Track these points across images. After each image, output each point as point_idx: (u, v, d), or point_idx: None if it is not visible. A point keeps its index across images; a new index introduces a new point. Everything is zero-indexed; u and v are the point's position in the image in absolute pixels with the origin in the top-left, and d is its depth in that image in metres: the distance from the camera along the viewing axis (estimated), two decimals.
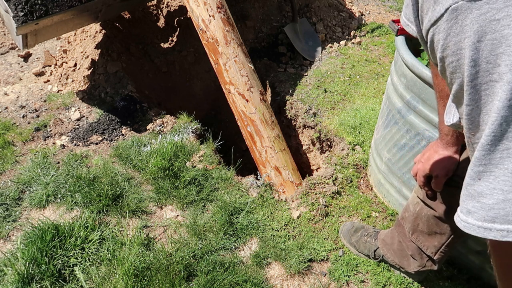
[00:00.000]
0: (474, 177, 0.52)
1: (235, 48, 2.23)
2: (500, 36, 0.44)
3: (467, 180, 0.54)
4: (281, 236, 1.83)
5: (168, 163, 2.15)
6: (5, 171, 2.19)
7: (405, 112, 1.63)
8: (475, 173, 0.52)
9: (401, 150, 1.73)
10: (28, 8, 2.08)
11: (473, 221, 0.52)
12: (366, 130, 2.42)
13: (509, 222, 0.48)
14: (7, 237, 1.81)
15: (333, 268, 1.70)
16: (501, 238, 0.49)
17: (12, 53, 3.42)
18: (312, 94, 2.84)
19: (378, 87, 2.91)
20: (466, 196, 0.54)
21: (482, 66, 0.47)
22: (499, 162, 0.48)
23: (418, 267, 1.49)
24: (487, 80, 0.47)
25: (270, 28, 3.59)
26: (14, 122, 2.59)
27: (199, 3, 2.21)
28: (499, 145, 0.48)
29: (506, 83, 0.44)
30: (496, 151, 0.48)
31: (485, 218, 0.50)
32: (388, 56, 3.33)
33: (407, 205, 1.45)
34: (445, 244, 1.34)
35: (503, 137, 0.47)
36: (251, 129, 2.24)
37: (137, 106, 2.74)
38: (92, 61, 2.96)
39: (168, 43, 3.52)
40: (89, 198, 1.94)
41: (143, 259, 1.65)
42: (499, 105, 0.46)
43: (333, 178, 2.11)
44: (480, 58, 0.47)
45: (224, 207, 1.92)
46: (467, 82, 0.50)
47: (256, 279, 1.62)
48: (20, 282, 1.53)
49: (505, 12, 0.43)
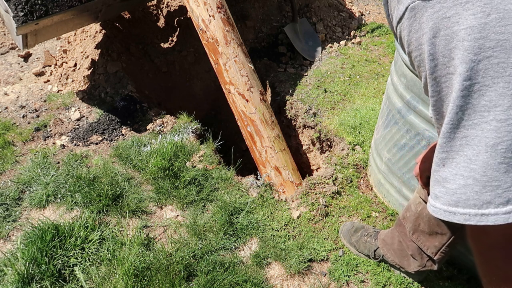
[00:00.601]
0: (439, 163, 0.55)
1: (235, 48, 2.23)
2: (452, 32, 0.48)
3: (434, 167, 0.56)
4: (281, 236, 1.83)
5: (168, 163, 2.15)
6: (5, 171, 2.19)
7: (405, 112, 1.63)
8: (439, 159, 0.54)
9: (401, 150, 1.73)
10: (28, 8, 2.08)
11: (440, 205, 0.55)
12: (366, 130, 2.42)
13: (470, 206, 0.50)
14: (7, 237, 1.81)
15: (333, 268, 1.70)
16: (464, 222, 0.51)
17: (12, 53, 3.42)
18: (312, 94, 2.84)
19: (378, 87, 2.91)
20: (433, 182, 0.57)
21: (439, 60, 0.51)
22: (459, 149, 0.51)
23: (418, 267, 1.49)
24: (445, 73, 0.51)
25: (270, 28, 3.59)
26: (14, 122, 2.59)
27: (199, 3, 2.21)
28: (457, 133, 0.51)
29: (459, 75, 0.48)
30: (455, 139, 0.51)
31: (449, 203, 0.53)
32: (388, 56, 3.33)
33: (409, 205, 1.45)
34: (445, 245, 1.34)
35: (460, 125, 0.50)
36: (251, 129, 2.24)
37: (137, 106, 2.74)
38: (92, 61, 2.96)
39: (168, 43, 3.52)
40: (89, 198, 1.94)
41: (143, 259, 1.65)
42: (454, 95, 0.49)
43: (333, 178, 2.11)
44: (437, 52, 0.51)
45: (224, 207, 1.92)
46: (429, 75, 0.53)
47: (256, 279, 1.62)
48: (20, 282, 1.53)
49: (454, 10, 0.47)
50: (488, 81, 0.47)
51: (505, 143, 0.47)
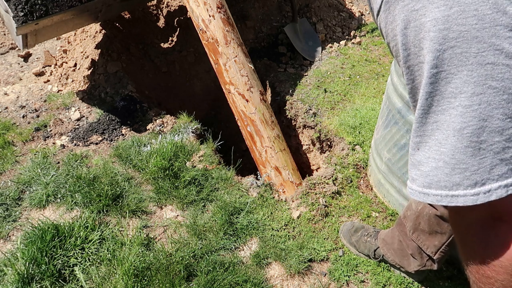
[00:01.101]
0: (414, 147, 0.57)
1: (235, 48, 2.24)
2: (420, 24, 0.51)
3: (410, 151, 0.59)
4: (281, 236, 1.83)
5: (168, 163, 2.15)
6: (5, 171, 2.19)
7: (405, 112, 1.63)
8: (414, 143, 0.57)
9: (401, 150, 1.73)
10: (28, 8, 2.08)
11: (416, 187, 0.57)
12: (366, 130, 2.42)
13: (441, 188, 0.53)
14: (7, 237, 1.81)
15: (333, 268, 1.70)
16: (436, 202, 0.54)
17: (12, 53, 3.42)
18: (312, 94, 2.84)
19: (378, 87, 2.91)
20: (410, 165, 0.59)
21: (411, 50, 0.53)
22: (431, 134, 0.53)
23: (418, 267, 1.49)
24: (417, 62, 0.53)
25: (270, 28, 3.59)
26: (14, 122, 2.59)
27: (199, 3, 2.21)
28: (429, 118, 0.53)
29: (427, 63, 0.51)
30: (427, 124, 0.54)
31: (423, 184, 0.55)
32: (388, 56, 3.33)
33: (410, 204, 1.45)
34: (445, 244, 1.35)
35: (430, 110, 0.53)
36: (251, 129, 2.24)
37: (137, 106, 2.74)
38: (92, 61, 2.96)
39: (168, 43, 3.52)
40: (89, 198, 1.94)
41: (143, 259, 1.65)
42: (424, 82, 0.52)
43: (333, 178, 2.11)
44: (409, 42, 0.53)
45: (224, 207, 1.92)
46: (403, 64, 0.56)
47: (256, 279, 1.62)
48: (20, 282, 1.53)
49: (421, 3, 0.50)
50: (453, 69, 0.49)
51: (470, 128, 0.49)
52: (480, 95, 0.48)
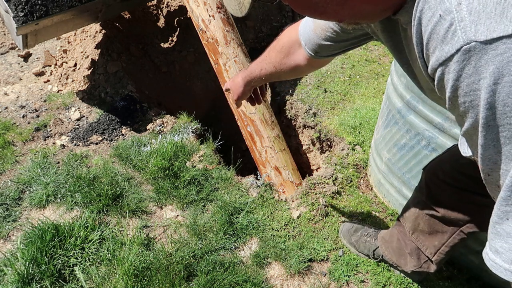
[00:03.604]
0: (502, 216, 0.51)
1: (235, 48, 2.23)
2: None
3: (495, 219, 0.53)
4: (281, 236, 1.83)
5: (168, 163, 2.15)
6: (5, 171, 2.19)
7: (405, 112, 1.63)
8: (502, 212, 0.51)
9: (401, 150, 1.73)
10: (28, 8, 2.08)
11: (501, 262, 0.51)
12: (366, 130, 2.43)
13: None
14: (7, 237, 1.81)
15: (333, 268, 1.70)
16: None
17: (12, 53, 3.42)
18: (312, 94, 2.84)
19: (378, 87, 2.91)
20: (494, 235, 0.53)
21: (498, 109, 0.47)
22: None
23: (414, 267, 1.48)
24: (505, 123, 0.47)
25: (270, 28, 3.59)
26: (14, 122, 2.59)
27: (199, 3, 2.21)
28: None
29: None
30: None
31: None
32: (388, 56, 3.33)
33: (408, 204, 1.45)
34: (445, 244, 1.34)
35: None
36: (251, 129, 2.24)
37: (137, 106, 2.74)
38: (92, 61, 2.96)
39: (168, 43, 3.52)
40: (89, 198, 1.94)
41: (143, 259, 1.65)
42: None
43: (333, 178, 2.11)
44: (497, 100, 0.46)
45: (224, 207, 1.92)
46: (482, 124, 0.50)
47: (256, 279, 1.62)
48: (20, 282, 1.53)
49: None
50: None
51: None
52: None
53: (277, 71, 1.18)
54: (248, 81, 1.29)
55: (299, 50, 1.08)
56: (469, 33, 0.47)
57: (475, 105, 0.49)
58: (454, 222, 1.25)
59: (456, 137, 1.39)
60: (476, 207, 1.17)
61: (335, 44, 0.95)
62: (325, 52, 1.01)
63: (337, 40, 0.94)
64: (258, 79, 1.26)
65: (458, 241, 1.31)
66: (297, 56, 1.10)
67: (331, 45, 0.96)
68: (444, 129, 1.43)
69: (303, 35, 1.03)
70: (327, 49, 0.99)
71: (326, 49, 0.99)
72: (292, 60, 1.12)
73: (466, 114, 0.52)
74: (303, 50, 1.06)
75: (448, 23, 0.49)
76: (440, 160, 1.28)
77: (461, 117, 0.55)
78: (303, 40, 1.03)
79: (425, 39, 0.54)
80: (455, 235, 1.30)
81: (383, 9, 0.61)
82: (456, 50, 0.48)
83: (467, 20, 0.47)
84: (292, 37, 1.09)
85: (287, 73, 1.18)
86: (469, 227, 1.24)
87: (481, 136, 0.51)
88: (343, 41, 0.94)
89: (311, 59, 1.06)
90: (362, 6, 0.59)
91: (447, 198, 1.24)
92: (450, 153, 1.27)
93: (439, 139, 1.48)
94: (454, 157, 1.21)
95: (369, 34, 0.90)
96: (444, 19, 0.49)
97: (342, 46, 0.97)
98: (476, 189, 1.11)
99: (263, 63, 1.21)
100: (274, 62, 1.17)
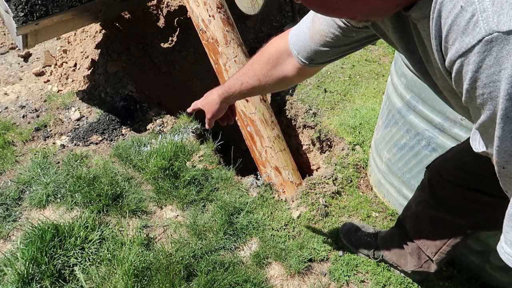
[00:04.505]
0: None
1: (235, 48, 2.23)
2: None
3: (511, 211, 0.53)
4: (281, 236, 1.83)
5: (168, 163, 2.15)
6: (5, 171, 2.19)
7: (405, 112, 1.63)
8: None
9: (401, 150, 1.73)
10: (28, 8, 2.08)
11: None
12: (366, 130, 2.43)
13: None
14: (7, 237, 1.81)
15: (333, 268, 1.70)
16: None
17: (12, 53, 3.42)
18: (312, 94, 2.84)
19: (378, 87, 2.91)
20: (510, 227, 0.53)
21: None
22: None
23: (414, 267, 1.48)
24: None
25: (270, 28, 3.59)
26: (14, 122, 2.59)
27: (199, 3, 2.21)
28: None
29: None
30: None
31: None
32: (388, 56, 3.33)
33: (409, 204, 1.45)
34: (446, 244, 1.34)
35: None
36: (251, 129, 2.24)
37: (137, 106, 2.74)
38: (92, 61, 2.96)
39: (168, 43, 3.52)
40: (89, 198, 1.94)
41: (143, 259, 1.65)
42: None
43: (333, 178, 2.11)
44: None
45: (224, 207, 1.92)
46: (501, 115, 0.49)
47: (256, 279, 1.62)
48: (20, 282, 1.53)
49: None
50: None
51: None
52: None
53: (261, 85, 1.14)
54: (225, 98, 1.24)
55: (289, 60, 1.06)
56: (492, 23, 0.46)
57: (494, 97, 0.49)
58: (456, 221, 1.25)
59: (456, 137, 1.39)
60: (479, 206, 1.17)
61: (334, 49, 0.95)
62: (322, 58, 1.00)
63: (337, 44, 0.93)
64: (237, 95, 1.22)
65: (459, 241, 1.30)
66: (286, 67, 1.08)
67: (329, 50, 0.95)
68: (444, 129, 1.43)
69: (295, 44, 1.01)
70: (324, 55, 0.97)
71: (323, 55, 0.98)
72: (280, 71, 1.10)
73: (483, 106, 0.52)
74: (294, 60, 1.04)
75: (469, 14, 0.48)
76: (443, 158, 1.28)
77: (477, 109, 0.54)
78: (295, 49, 1.01)
79: (444, 32, 0.54)
80: (456, 234, 1.30)
81: (395, 5, 0.61)
82: (478, 41, 0.48)
83: (489, 10, 0.46)
84: (281, 47, 1.07)
85: (272, 86, 1.15)
86: (471, 227, 1.24)
87: (499, 128, 0.51)
88: (344, 45, 0.93)
89: (303, 67, 1.04)
90: (375, 2, 0.59)
91: (450, 197, 1.23)
92: (454, 151, 1.27)
93: (439, 139, 1.48)
94: (457, 156, 1.21)
95: (371, 37, 0.89)
96: (465, 10, 0.49)
97: (342, 50, 0.96)
98: (479, 187, 1.11)
99: (244, 76, 1.17)
100: (259, 74, 1.13)
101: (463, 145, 1.25)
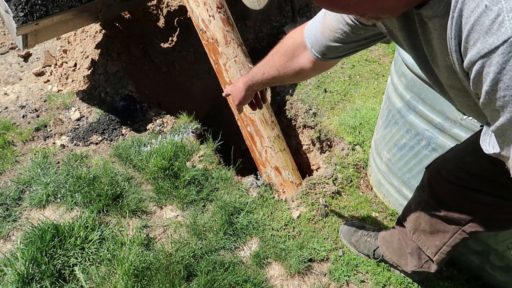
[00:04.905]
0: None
1: (235, 48, 2.23)
2: None
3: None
4: (281, 236, 1.83)
5: (168, 163, 2.15)
6: (5, 171, 2.19)
7: (405, 112, 1.63)
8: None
9: (401, 150, 1.73)
10: (28, 8, 2.08)
11: None
12: (366, 130, 2.43)
13: None
14: (7, 237, 1.81)
15: (333, 268, 1.70)
16: None
17: (12, 53, 3.42)
18: (312, 94, 2.84)
19: (378, 87, 2.91)
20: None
21: None
22: None
23: (414, 267, 1.48)
24: None
25: (270, 28, 3.59)
26: (14, 122, 2.59)
27: (199, 3, 2.21)
28: None
29: None
30: None
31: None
32: (388, 56, 3.33)
33: (409, 204, 1.45)
34: (446, 244, 1.33)
35: None
36: (251, 129, 2.24)
37: (137, 106, 2.74)
38: (92, 61, 2.96)
39: (168, 43, 3.52)
40: (89, 198, 1.94)
41: (143, 259, 1.65)
42: None
43: (333, 178, 2.11)
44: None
45: (224, 207, 1.92)
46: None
47: (256, 279, 1.62)
48: (20, 282, 1.53)
49: None
50: None
51: None
52: None
53: (280, 75, 1.18)
54: (249, 86, 1.28)
55: (304, 53, 1.08)
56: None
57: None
58: (456, 222, 1.25)
59: (456, 137, 1.39)
60: (479, 206, 1.17)
61: (344, 45, 0.95)
62: (333, 54, 1.00)
63: (346, 41, 0.93)
64: (260, 83, 1.26)
65: (459, 241, 1.30)
66: (301, 59, 1.10)
67: (340, 46, 0.96)
68: (444, 129, 1.43)
69: (309, 37, 1.03)
70: (335, 50, 0.98)
71: (334, 50, 0.98)
72: (297, 63, 1.12)
73: (503, 109, 0.51)
74: (309, 53, 1.06)
75: (494, 13, 0.47)
76: (443, 159, 1.28)
77: (496, 111, 0.53)
78: (309, 43, 1.03)
79: (465, 31, 0.52)
80: (457, 234, 1.29)
81: (405, 4, 0.60)
82: (503, 41, 0.46)
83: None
84: (297, 40, 1.09)
85: (291, 77, 1.18)
86: (471, 227, 1.24)
87: None
88: (353, 42, 0.94)
89: (317, 61, 1.06)
90: (385, 0, 0.58)
91: (450, 197, 1.23)
92: (454, 152, 1.27)
93: (439, 139, 1.48)
94: (458, 156, 1.21)
95: (379, 35, 0.89)
96: (490, 10, 0.47)
97: (351, 47, 0.97)
98: (480, 187, 1.11)
99: (266, 66, 1.20)
100: (278, 65, 1.16)
101: (463, 145, 1.25)
